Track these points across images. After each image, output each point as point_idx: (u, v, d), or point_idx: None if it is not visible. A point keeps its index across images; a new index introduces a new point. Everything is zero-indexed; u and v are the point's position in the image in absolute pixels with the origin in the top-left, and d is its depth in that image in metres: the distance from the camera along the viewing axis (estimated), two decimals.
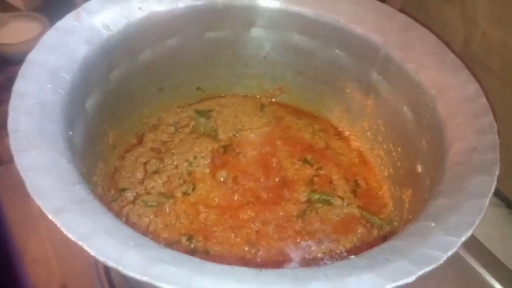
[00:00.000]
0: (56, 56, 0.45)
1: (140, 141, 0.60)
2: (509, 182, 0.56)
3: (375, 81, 0.57)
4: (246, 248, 0.50)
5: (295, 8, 0.58)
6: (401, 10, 0.56)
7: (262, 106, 0.67)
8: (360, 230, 0.53)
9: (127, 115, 0.59)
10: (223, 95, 0.68)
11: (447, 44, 0.51)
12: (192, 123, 0.63)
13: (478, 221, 0.34)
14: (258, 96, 0.68)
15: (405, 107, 0.53)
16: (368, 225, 0.53)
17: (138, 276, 0.28)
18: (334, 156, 0.61)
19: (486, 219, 0.35)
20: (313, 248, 0.50)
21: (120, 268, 0.28)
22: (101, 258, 0.29)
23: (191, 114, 0.64)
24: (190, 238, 0.50)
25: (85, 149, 0.47)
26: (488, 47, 0.57)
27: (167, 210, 0.53)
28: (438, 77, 0.49)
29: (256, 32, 0.61)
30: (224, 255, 0.49)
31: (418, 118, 0.50)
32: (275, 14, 0.59)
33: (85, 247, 0.29)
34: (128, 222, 0.51)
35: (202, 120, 0.63)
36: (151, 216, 0.51)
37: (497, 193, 0.61)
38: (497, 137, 0.41)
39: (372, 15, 0.56)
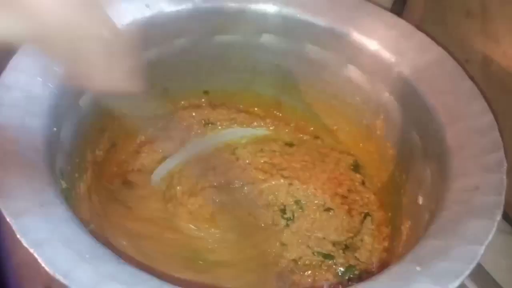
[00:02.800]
0: None
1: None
2: None
3: (385, 101, 0.53)
4: None
5: (308, 17, 0.55)
6: (420, 24, 0.53)
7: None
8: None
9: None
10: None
11: (465, 61, 0.47)
12: None
13: (468, 271, 0.31)
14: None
15: (414, 132, 0.49)
16: None
17: None
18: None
19: (495, 247, 0.33)
20: None
21: (66, 282, 0.27)
22: (50, 269, 0.27)
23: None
24: None
25: (75, 147, 0.46)
26: (509, 67, 0.53)
27: None
28: (451, 104, 0.45)
29: (267, 38, 0.59)
30: None
31: (426, 145, 0.47)
32: (287, 22, 0.56)
33: (36, 255, 0.28)
34: None
35: None
36: None
37: (508, 220, 0.57)
38: (505, 177, 0.37)
39: (390, 31, 0.52)
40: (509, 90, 0.53)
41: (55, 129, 0.41)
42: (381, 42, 0.52)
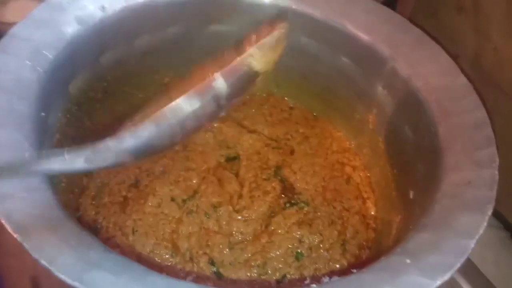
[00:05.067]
0: (42, 32, 0.43)
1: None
2: (509, 203, 0.52)
3: (379, 95, 0.53)
4: None
5: (304, 8, 0.54)
6: (411, 18, 0.53)
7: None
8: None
9: (120, 100, 0.56)
10: None
11: (456, 56, 0.47)
12: None
13: (459, 265, 0.31)
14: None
15: (406, 127, 0.49)
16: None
17: (68, 280, 0.26)
18: None
19: (483, 241, 0.33)
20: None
21: (52, 269, 0.26)
22: (35, 255, 0.27)
23: None
24: None
25: (63, 132, 0.45)
26: (500, 63, 0.53)
27: None
28: (445, 99, 0.45)
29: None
30: None
31: (418, 140, 0.47)
32: (282, 13, 0.56)
33: (20, 241, 0.27)
34: None
35: None
36: None
37: (496, 215, 0.57)
38: (497, 173, 0.37)
39: (384, 25, 0.52)
40: (499, 85, 0.54)
41: (43, 114, 0.40)
42: (375, 36, 0.52)
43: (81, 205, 0.50)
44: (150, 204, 0.50)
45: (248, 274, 0.48)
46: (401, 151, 0.50)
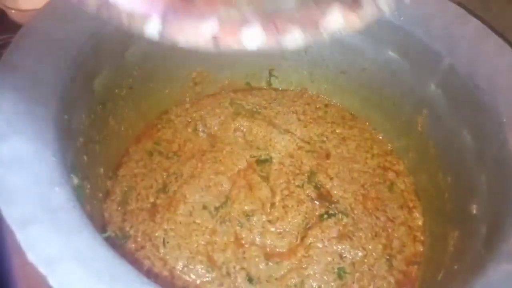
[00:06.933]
0: (62, 25, 0.38)
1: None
2: None
3: (431, 95, 0.48)
4: None
5: None
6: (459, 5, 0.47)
7: None
8: None
9: (146, 97, 0.52)
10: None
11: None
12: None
13: None
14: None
15: (465, 131, 0.44)
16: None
17: None
18: None
19: None
20: None
21: None
22: None
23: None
24: None
25: (87, 135, 0.41)
26: None
27: None
28: None
29: None
30: None
31: (481, 148, 0.42)
32: None
33: (47, 276, 0.23)
34: None
35: None
36: None
37: None
38: None
39: (440, 17, 0.47)
40: None
41: (66, 116, 0.35)
42: (429, 28, 0.47)
43: (106, 211, 0.46)
44: (181, 212, 0.46)
45: None
46: (458, 159, 0.45)
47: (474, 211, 0.40)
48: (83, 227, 0.27)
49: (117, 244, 0.44)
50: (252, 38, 0.22)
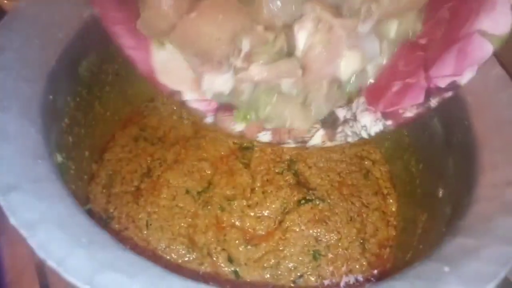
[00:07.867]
0: (51, 10, 0.40)
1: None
2: None
3: None
4: None
5: None
6: None
7: None
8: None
9: (132, 83, 0.54)
10: None
11: None
12: None
13: (503, 274, 0.28)
14: None
15: (435, 119, 0.46)
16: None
17: (79, 284, 0.23)
18: None
19: None
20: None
21: (60, 270, 0.24)
22: (42, 255, 0.24)
23: None
24: None
25: (72, 116, 0.43)
26: None
27: None
28: (480, 92, 0.42)
29: None
30: None
31: (449, 134, 0.44)
32: None
33: (26, 237, 0.25)
34: None
35: None
36: None
37: None
38: None
39: None
40: None
41: (51, 97, 0.37)
42: None
43: (91, 193, 0.48)
44: (164, 196, 0.48)
45: (264, 275, 0.45)
46: (429, 145, 0.47)
47: (440, 194, 0.42)
48: (65, 196, 0.29)
49: (101, 225, 0.46)
50: (264, 137, 0.40)
